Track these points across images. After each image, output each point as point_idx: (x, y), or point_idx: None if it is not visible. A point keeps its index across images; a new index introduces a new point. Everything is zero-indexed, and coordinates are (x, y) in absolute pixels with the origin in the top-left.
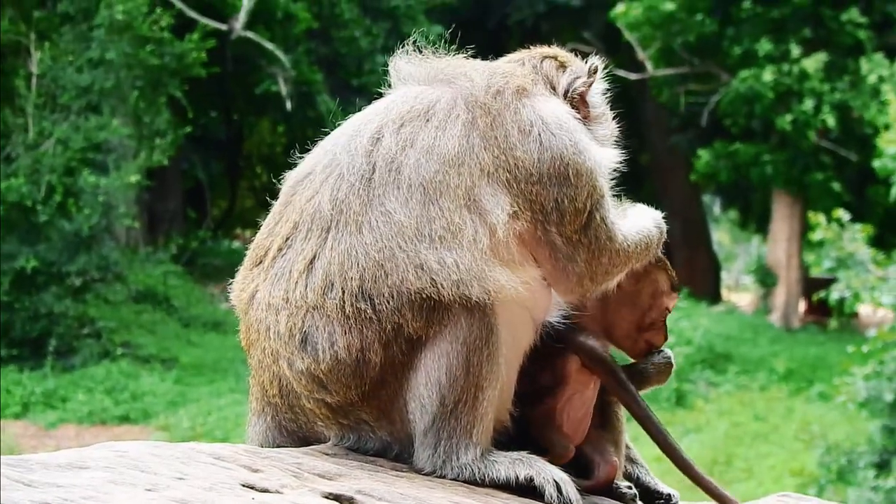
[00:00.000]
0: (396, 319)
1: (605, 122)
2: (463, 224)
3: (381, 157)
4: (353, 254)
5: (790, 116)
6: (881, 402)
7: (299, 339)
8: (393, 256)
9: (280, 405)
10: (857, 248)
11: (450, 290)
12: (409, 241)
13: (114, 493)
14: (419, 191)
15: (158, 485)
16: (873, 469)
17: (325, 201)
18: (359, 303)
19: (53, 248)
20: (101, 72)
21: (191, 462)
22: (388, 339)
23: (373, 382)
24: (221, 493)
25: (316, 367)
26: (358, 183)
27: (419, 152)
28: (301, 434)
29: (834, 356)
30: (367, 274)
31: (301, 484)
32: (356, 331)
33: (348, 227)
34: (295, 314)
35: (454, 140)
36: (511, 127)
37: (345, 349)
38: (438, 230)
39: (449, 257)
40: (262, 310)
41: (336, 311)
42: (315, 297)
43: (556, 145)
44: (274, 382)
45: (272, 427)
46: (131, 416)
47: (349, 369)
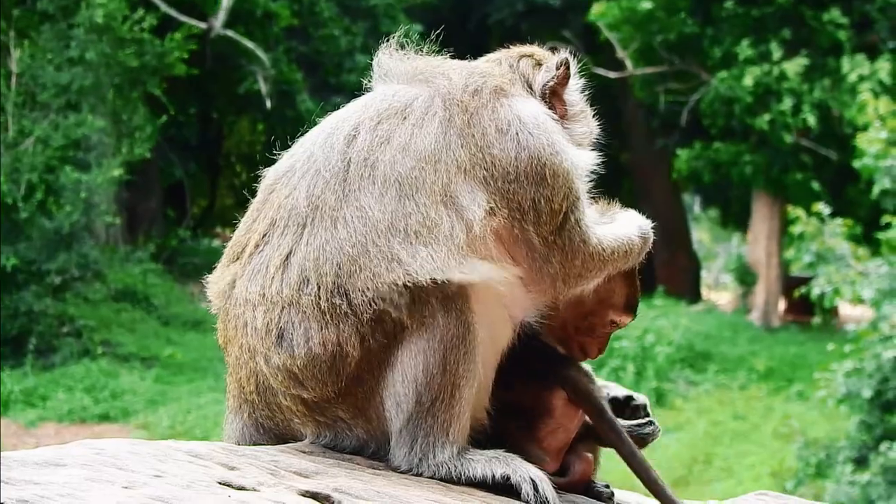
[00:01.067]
0: (372, 315)
1: (584, 120)
2: (439, 219)
3: (356, 154)
4: (328, 249)
5: (768, 116)
6: (860, 398)
7: (276, 335)
8: (366, 251)
9: (257, 402)
10: (837, 244)
11: (425, 282)
12: (382, 235)
13: (91, 491)
14: (394, 186)
15: (136, 482)
16: (851, 464)
17: (301, 198)
18: (334, 298)
19: (33, 247)
20: (81, 70)
21: (168, 460)
22: (364, 334)
23: (349, 379)
24: (198, 490)
25: (292, 362)
26: (333, 179)
27: (395, 149)
28: (277, 432)
29: (813, 355)
30: (342, 269)
31: (278, 482)
32: (332, 326)
33: (323, 222)
34: (271, 310)
35: (431, 137)
36: (488, 125)
37: (320, 345)
38: (414, 225)
39: (423, 251)
40: (240, 305)
41: (312, 306)
42: (291, 292)
43: (533, 145)
44: (251, 379)
45: (249, 425)
46: (111, 415)
47: (325, 365)
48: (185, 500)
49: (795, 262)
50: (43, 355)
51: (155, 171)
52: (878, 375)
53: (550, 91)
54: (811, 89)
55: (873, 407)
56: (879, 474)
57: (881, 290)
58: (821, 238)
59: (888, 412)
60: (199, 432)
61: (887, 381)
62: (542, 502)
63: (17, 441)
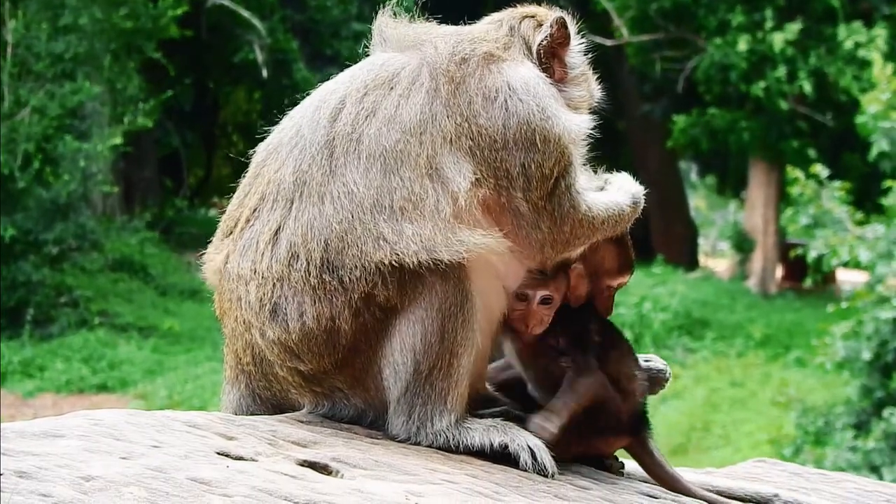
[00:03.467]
0: (364, 289)
1: (584, 83)
2: (424, 194)
3: (342, 128)
4: (316, 225)
5: (763, 83)
6: (860, 362)
7: (269, 310)
8: (352, 228)
9: (254, 373)
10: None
11: (412, 259)
12: (367, 212)
13: (89, 462)
14: (379, 161)
15: (133, 453)
16: (851, 430)
17: (288, 173)
18: (324, 274)
19: (31, 217)
20: (74, 38)
21: (166, 430)
22: (358, 308)
23: (345, 350)
24: (196, 460)
25: (287, 337)
26: (319, 154)
27: (381, 122)
28: (275, 402)
29: (811, 322)
30: (331, 245)
31: (276, 451)
32: (325, 301)
33: (311, 197)
34: (263, 285)
35: (416, 108)
36: (475, 94)
37: (314, 319)
38: (399, 200)
39: (409, 228)
40: (233, 280)
41: (302, 282)
42: (281, 267)
43: (522, 111)
44: (247, 351)
45: (246, 395)
46: (109, 385)
47: (320, 339)
48: (184, 470)
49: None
50: (40, 326)
51: (151, 140)
52: (876, 338)
53: (548, 52)
54: (806, 57)
55: (873, 370)
56: (882, 440)
57: (878, 252)
58: (818, 201)
59: (887, 376)
60: (196, 402)
61: (886, 344)
62: (541, 471)
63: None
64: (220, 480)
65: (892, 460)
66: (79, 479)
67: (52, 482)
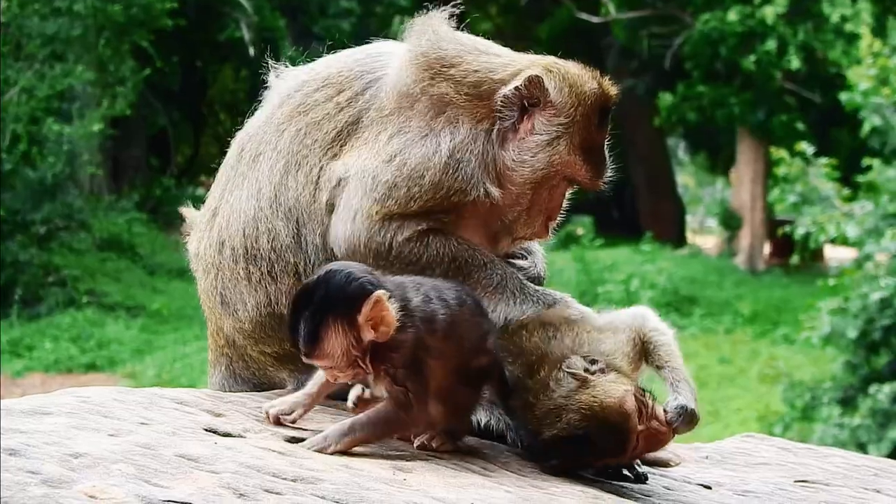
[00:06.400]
0: (289, 280)
1: None
2: (312, 199)
3: (280, 115)
4: (237, 209)
5: (754, 57)
6: (845, 338)
7: (219, 301)
8: (257, 219)
9: (231, 354)
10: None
11: (306, 261)
12: (268, 206)
13: (76, 439)
14: (283, 159)
15: (121, 430)
16: (838, 406)
17: (234, 153)
18: (249, 264)
19: (18, 197)
20: (68, 20)
21: (153, 407)
22: (292, 293)
23: None
24: (184, 437)
25: (240, 325)
26: (257, 136)
27: (307, 122)
28: (256, 381)
29: (799, 299)
30: (247, 232)
31: (264, 428)
32: (259, 290)
33: (237, 181)
34: (208, 272)
35: (339, 125)
36: (388, 142)
37: (255, 308)
38: (290, 201)
39: (303, 231)
40: (194, 261)
41: (230, 271)
42: (214, 254)
43: (397, 192)
44: (219, 334)
45: (227, 376)
46: (97, 364)
47: (269, 325)
48: (172, 446)
49: (779, 203)
50: (29, 305)
51: (138, 120)
52: (863, 315)
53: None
54: (795, 32)
55: (858, 347)
56: (868, 416)
57: (866, 228)
58: (805, 178)
59: (874, 353)
60: (185, 381)
61: (873, 322)
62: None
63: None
64: (208, 457)
65: (878, 437)
66: (67, 457)
67: (41, 459)
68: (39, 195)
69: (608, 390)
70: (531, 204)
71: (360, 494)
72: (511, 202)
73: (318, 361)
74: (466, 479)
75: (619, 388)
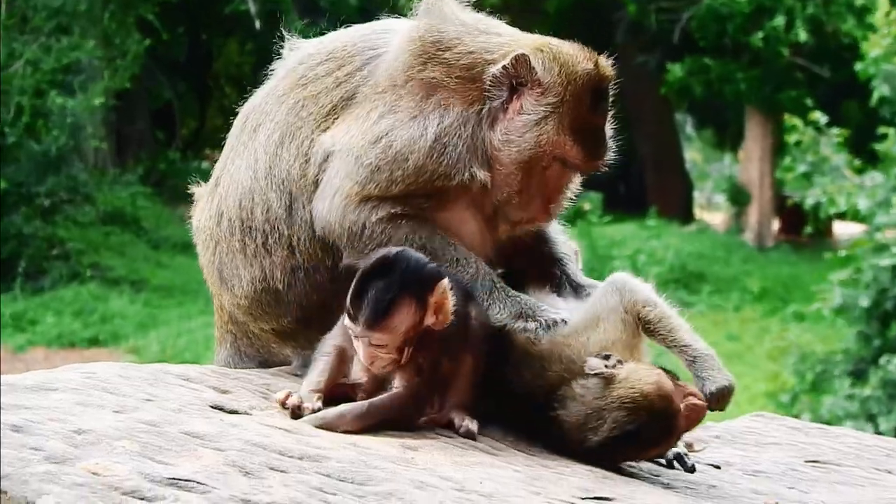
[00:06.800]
0: (282, 253)
1: None
2: (302, 173)
3: (282, 86)
4: (235, 180)
5: (762, 33)
6: (858, 309)
7: (218, 276)
8: (253, 190)
9: (235, 332)
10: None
11: (298, 234)
12: (263, 177)
13: (81, 415)
14: (280, 131)
15: (126, 406)
16: (848, 378)
17: (238, 123)
18: (244, 236)
19: (22, 170)
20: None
21: (159, 384)
22: (286, 268)
23: (299, 309)
24: (190, 414)
25: (238, 301)
26: (260, 107)
27: (305, 95)
28: (261, 358)
29: (808, 275)
30: (243, 203)
31: (270, 405)
32: (254, 264)
33: (238, 150)
34: (207, 246)
35: (334, 100)
36: (377, 121)
37: (250, 283)
38: (283, 173)
39: (295, 205)
40: (196, 234)
41: (227, 243)
42: (213, 225)
43: (379, 175)
44: (223, 311)
45: (233, 353)
46: (101, 339)
47: (267, 301)
48: (176, 423)
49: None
50: (32, 279)
51: (143, 93)
52: (875, 286)
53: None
54: (804, 6)
55: (871, 318)
56: (879, 388)
57: (876, 200)
58: (816, 148)
59: (886, 324)
60: (189, 356)
61: (885, 292)
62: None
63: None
64: (214, 434)
65: (888, 409)
66: (70, 433)
67: (45, 436)
68: (43, 168)
69: (641, 377)
70: (523, 186)
71: (366, 473)
72: (501, 184)
73: (378, 335)
74: (474, 458)
75: (651, 372)
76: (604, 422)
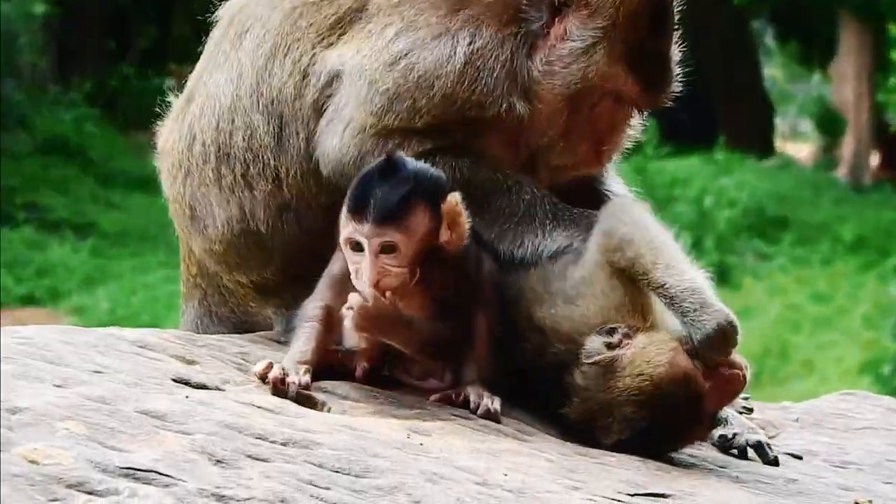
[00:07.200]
0: (266, 187)
1: None
2: (296, 94)
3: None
4: (213, 95)
5: None
6: None
7: (186, 213)
8: (234, 109)
9: (205, 286)
10: None
11: (287, 166)
12: (247, 95)
13: (17, 390)
14: (270, 40)
15: (70, 379)
16: None
17: (221, 26)
18: (220, 165)
19: None
20: None
21: (111, 352)
22: (270, 207)
23: (286, 257)
24: (148, 389)
25: (210, 245)
26: (249, 7)
27: (306, 1)
28: (236, 320)
29: None
30: (222, 125)
31: (247, 379)
32: (231, 200)
33: (218, 59)
34: (175, 173)
35: (341, 9)
36: (394, 40)
37: (226, 224)
38: (273, 91)
39: (282, 128)
40: (161, 159)
41: (199, 172)
42: (183, 148)
43: (399, 104)
44: (191, 259)
45: (202, 314)
46: (36, 297)
47: (245, 247)
48: (132, 400)
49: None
50: None
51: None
52: None
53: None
54: None
55: None
56: None
57: None
58: None
59: None
60: (146, 318)
61: None
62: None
63: None
64: (178, 414)
65: None
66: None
67: None
68: None
69: (651, 357)
70: (569, 125)
71: (365, 462)
72: (542, 123)
73: (392, 233)
74: (497, 444)
75: (662, 348)
76: (613, 420)
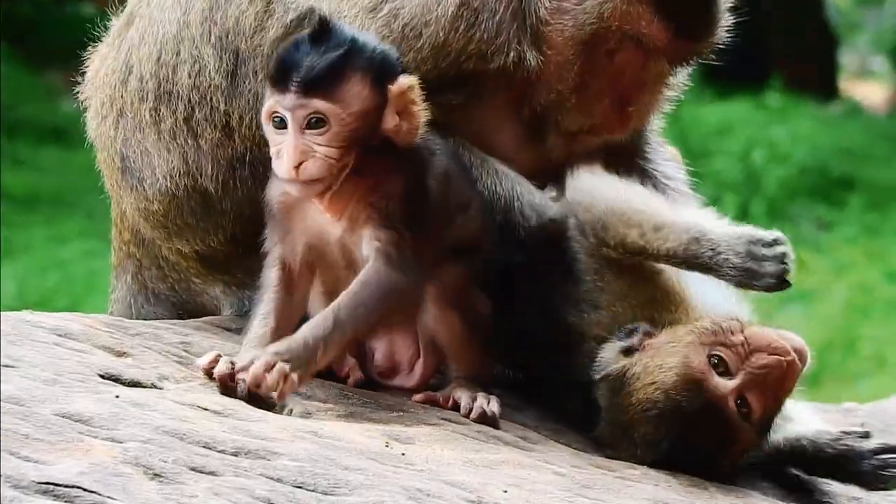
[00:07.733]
0: (214, 136)
1: None
2: (256, 26)
3: None
4: (157, 21)
5: None
6: None
7: (119, 167)
8: (180, 39)
9: (140, 256)
10: None
11: (241, 113)
12: (198, 22)
13: None
14: None
15: None
16: None
17: None
18: (160, 105)
19: None
20: None
21: (24, 341)
22: (220, 160)
23: (238, 222)
24: (69, 387)
25: (148, 204)
26: None
27: None
28: (177, 300)
29: None
30: (164, 56)
31: (189, 374)
32: (173, 148)
33: None
34: (104, 111)
35: None
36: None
37: (166, 178)
38: (229, 21)
39: (237, 66)
40: (88, 93)
41: (134, 113)
42: (116, 82)
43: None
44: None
45: (137, 291)
46: None
47: (189, 208)
48: (51, 401)
49: None
50: None
51: None
52: None
53: None
54: None
55: None
56: None
57: None
58: None
59: None
60: (64, 302)
61: None
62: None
63: None
64: (106, 417)
65: None
66: None
67: None
68: None
69: (663, 362)
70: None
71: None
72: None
73: (319, 102)
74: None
75: (677, 346)
76: (632, 444)
